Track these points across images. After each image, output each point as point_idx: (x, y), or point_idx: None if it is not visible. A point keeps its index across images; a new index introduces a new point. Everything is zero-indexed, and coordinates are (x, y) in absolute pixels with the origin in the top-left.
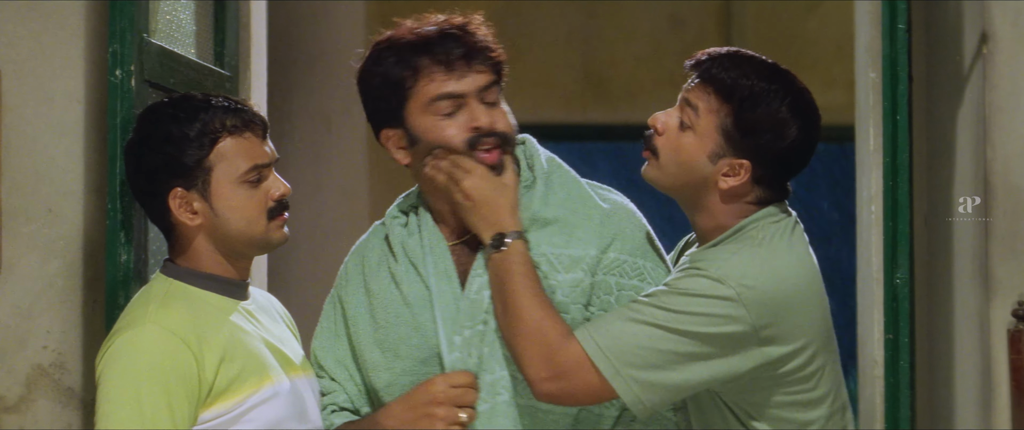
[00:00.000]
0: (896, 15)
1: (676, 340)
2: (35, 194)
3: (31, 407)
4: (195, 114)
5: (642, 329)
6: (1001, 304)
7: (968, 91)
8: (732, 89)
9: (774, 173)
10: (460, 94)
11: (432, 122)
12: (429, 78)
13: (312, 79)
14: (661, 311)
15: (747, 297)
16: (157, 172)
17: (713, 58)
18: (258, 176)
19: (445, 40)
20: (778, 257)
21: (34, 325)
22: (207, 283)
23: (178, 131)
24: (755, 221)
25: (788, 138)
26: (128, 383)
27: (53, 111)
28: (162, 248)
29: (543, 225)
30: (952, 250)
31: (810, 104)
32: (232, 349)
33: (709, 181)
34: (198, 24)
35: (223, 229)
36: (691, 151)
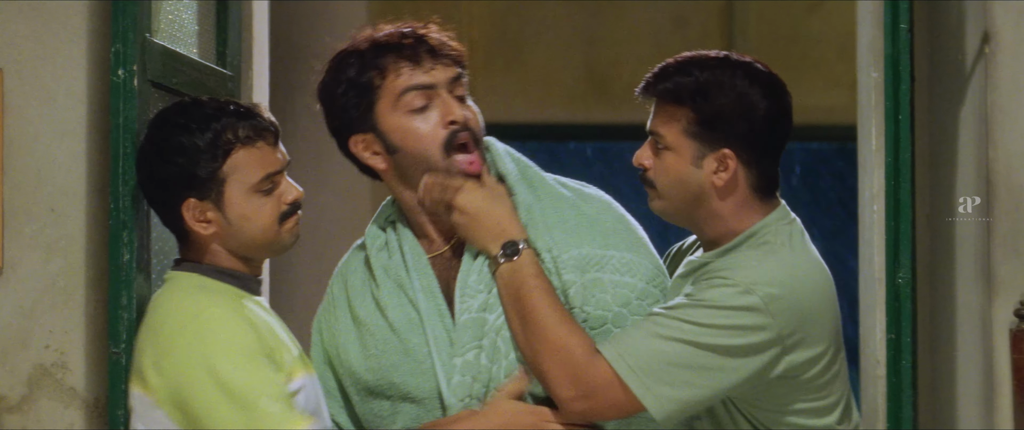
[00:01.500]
0: (898, 15)
1: (706, 355)
2: (37, 194)
3: (33, 407)
4: (207, 124)
5: (671, 346)
6: (1003, 303)
7: (970, 91)
8: (678, 91)
9: (760, 152)
10: (429, 85)
11: (405, 121)
12: (396, 73)
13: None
14: (689, 325)
15: (774, 306)
16: (170, 183)
17: (652, 75)
18: (271, 184)
19: (406, 38)
20: (799, 262)
21: (36, 325)
22: (226, 277)
23: (190, 142)
24: (768, 225)
25: (756, 110)
26: (223, 373)
27: (55, 111)
28: (165, 248)
29: (541, 229)
30: (954, 250)
31: (765, 73)
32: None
33: (704, 186)
34: (200, 24)
35: (237, 236)
36: (676, 166)
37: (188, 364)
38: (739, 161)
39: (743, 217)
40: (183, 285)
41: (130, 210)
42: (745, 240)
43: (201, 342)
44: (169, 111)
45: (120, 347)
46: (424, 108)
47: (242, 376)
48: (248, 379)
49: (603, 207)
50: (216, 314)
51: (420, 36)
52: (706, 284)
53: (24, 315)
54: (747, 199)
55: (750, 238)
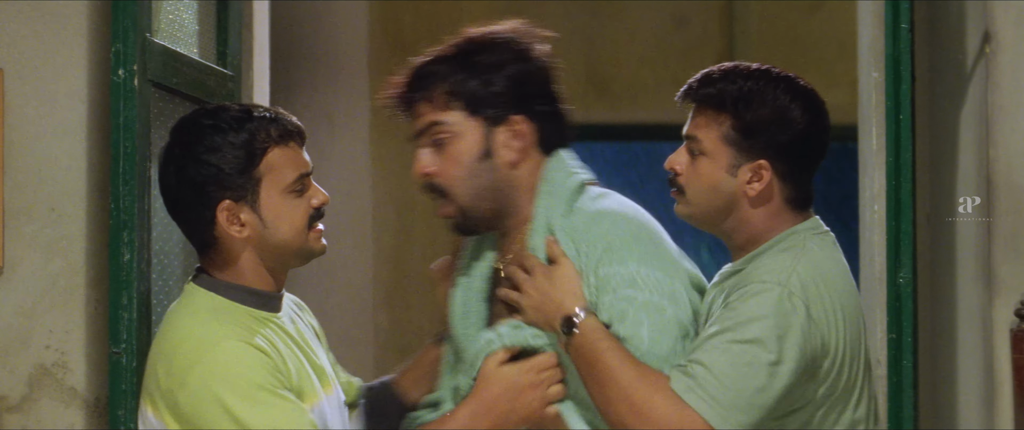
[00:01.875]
0: (899, 14)
1: (779, 374)
2: (38, 193)
3: (34, 407)
4: (240, 124)
5: (749, 379)
6: (1004, 303)
7: (970, 91)
8: (721, 98)
9: (795, 165)
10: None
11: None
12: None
13: (315, 78)
14: (756, 348)
15: (804, 292)
16: (204, 185)
17: (696, 81)
18: (302, 185)
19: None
20: (825, 264)
21: (37, 324)
22: (246, 297)
23: (225, 141)
24: (797, 232)
25: (795, 123)
26: (242, 404)
27: (56, 111)
28: (165, 248)
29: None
30: (955, 249)
31: (805, 89)
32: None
33: (736, 194)
34: (201, 23)
35: (270, 240)
36: (710, 173)
37: (204, 400)
38: (774, 173)
39: (773, 226)
40: (198, 306)
41: (131, 210)
42: (773, 245)
43: (215, 378)
44: (195, 114)
45: (121, 347)
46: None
47: (259, 414)
48: (265, 417)
49: (609, 221)
50: (230, 348)
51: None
52: (745, 294)
53: (24, 315)
54: (779, 210)
55: (778, 243)
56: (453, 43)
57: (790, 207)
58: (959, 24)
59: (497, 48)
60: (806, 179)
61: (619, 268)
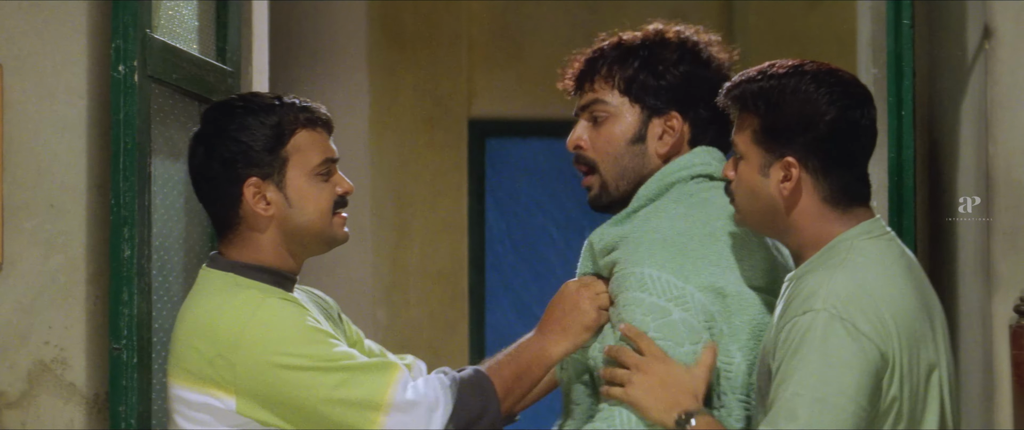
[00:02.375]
0: (901, 11)
1: (856, 412)
2: (37, 190)
3: (33, 403)
4: (270, 107)
5: (826, 421)
6: (1003, 300)
7: (970, 87)
8: (744, 97)
9: (828, 162)
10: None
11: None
12: None
13: (314, 75)
14: (832, 403)
15: (846, 309)
16: (233, 162)
17: (728, 83)
18: (328, 170)
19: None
20: (868, 275)
21: (36, 321)
22: (259, 275)
23: (256, 121)
24: (845, 240)
25: (821, 118)
26: (306, 344)
27: (56, 107)
28: (166, 244)
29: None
30: (954, 246)
31: (839, 81)
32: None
33: (773, 196)
34: (200, 20)
35: (294, 221)
36: (748, 176)
37: (264, 360)
38: (805, 169)
39: (821, 229)
40: (219, 284)
41: (131, 206)
42: (820, 258)
43: (268, 332)
44: (227, 100)
45: (121, 343)
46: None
47: (319, 349)
48: (325, 349)
49: (639, 222)
50: (272, 305)
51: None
52: (795, 329)
53: (24, 311)
54: (821, 211)
55: (824, 256)
56: (642, 32)
57: (832, 206)
58: (958, 19)
59: (680, 46)
60: (847, 174)
61: (635, 269)
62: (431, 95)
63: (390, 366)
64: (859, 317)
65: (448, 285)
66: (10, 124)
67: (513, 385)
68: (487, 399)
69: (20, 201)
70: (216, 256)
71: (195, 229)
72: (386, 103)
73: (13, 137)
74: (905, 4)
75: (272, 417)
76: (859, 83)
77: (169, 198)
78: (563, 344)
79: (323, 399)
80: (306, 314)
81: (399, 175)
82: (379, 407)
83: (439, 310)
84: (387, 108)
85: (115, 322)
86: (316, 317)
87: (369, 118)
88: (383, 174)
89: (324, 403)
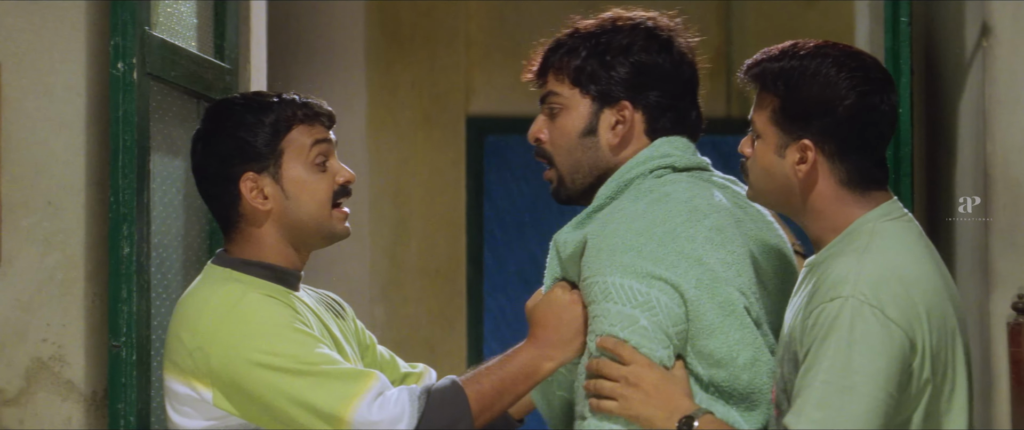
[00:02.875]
0: (899, 10)
1: (885, 399)
2: (35, 187)
3: (31, 400)
4: (269, 103)
5: (856, 409)
6: (1001, 297)
7: (968, 85)
8: (764, 77)
9: (846, 145)
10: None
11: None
12: None
13: (312, 72)
14: (857, 391)
15: (876, 296)
16: (230, 157)
17: (749, 61)
18: (323, 157)
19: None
20: (895, 258)
21: (34, 318)
22: (261, 272)
23: (254, 118)
24: (867, 222)
25: (840, 101)
26: (279, 341)
27: (54, 104)
28: (164, 241)
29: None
30: (953, 243)
31: (862, 64)
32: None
33: (789, 177)
34: (199, 18)
35: (293, 214)
36: (763, 156)
37: (239, 353)
38: (821, 153)
39: (839, 212)
40: (214, 278)
41: (130, 203)
42: (842, 242)
43: (245, 327)
44: (228, 98)
45: (120, 340)
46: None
47: (295, 348)
48: (301, 350)
49: (598, 226)
50: (253, 299)
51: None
52: (821, 317)
53: (22, 308)
54: (838, 194)
55: (846, 240)
56: (597, 20)
57: (850, 189)
58: (957, 18)
59: (631, 33)
60: (865, 158)
61: (598, 278)
62: (429, 92)
63: (363, 376)
64: (888, 303)
65: (446, 282)
66: (8, 121)
67: (493, 400)
68: (458, 414)
69: (19, 198)
70: (221, 253)
71: (194, 226)
72: (384, 100)
73: (11, 134)
74: (903, 3)
75: (243, 412)
76: (881, 67)
77: (168, 195)
78: (559, 357)
79: (289, 399)
80: (288, 312)
81: (397, 172)
82: (341, 417)
83: (437, 307)
84: (385, 105)
85: (114, 319)
86: (307, 318)
87: (367, 115)
88: (381, 171)
89: (290, 404)
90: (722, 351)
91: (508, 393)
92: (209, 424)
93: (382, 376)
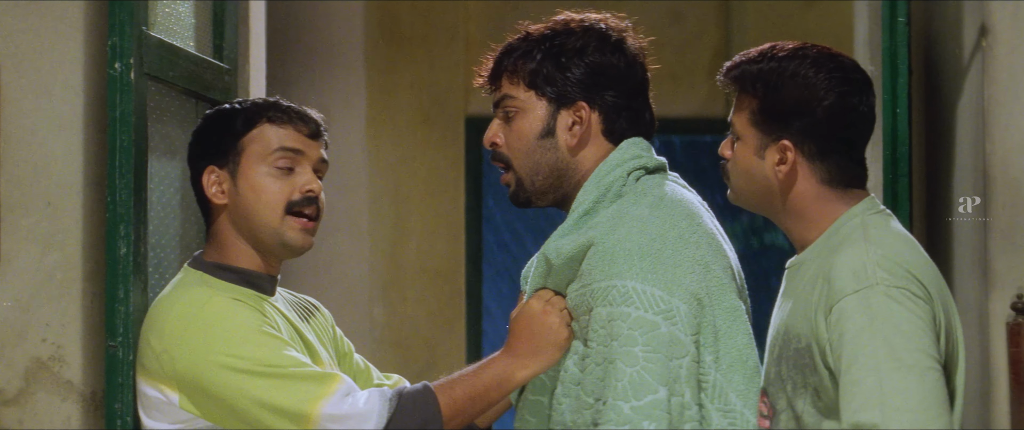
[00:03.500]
0: (897, 10)
1: (935, 369)
2: (34, 187)
3: (30, 400)
4: (251, 104)
5: (916, 385)
6: (1000, 297)
7: (967, 85)
8: (743, 78)
9: (825, 145)
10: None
11: None
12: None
13: (311, 72)
14: (914, 352)
15: (892, 276)
16: (199, 153)
17: (727, 63)
18: (289, 163)
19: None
20: (892, 242)
21: (33, 318)
22: (234, 277)
23: (227, 113)
24: (854, 215)
25: (819, 102)
26: (244, 345)
27: (52, 104)
28: (162, 241)
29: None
30: (951, 243)
31: (839, 65)
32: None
33: (769, 178)
34: (197, 18)
35: (242, 211)
36: (743, 157)
37: (203, 356)
38: (801, 154)
39: (821, 209)
40: (185, 281)
41: (127, 203)
42: (832, 237)
43: (210, 330)
44: (226, 104)
45: (117, 340)
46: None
47: (260, 351)
48: (266, 352)
49: (605, 230)
50: (219, 303)
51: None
52: (844, 312)
53: (21, 308)
54: (820, 193)
55: (837, 234)
56: (548, 24)
57: (831, 188)
58: (955, 18)
59: (584, 34)
60: (845, 158)
61: (616, 281)
62: (428, 93)
63: (330, 377)
64: (911, 283)
65: (445, 283)
66: (7, 121)
67: (465, 406)
68: (428, 418)
69: (17, 198)
70: (197, 256)
71: (191, 227)
72: (383, 101)
73: (10, 134)
74: (901, 3)
75: (208, 415)
76: (859, 69)
77: (165, 195)
78: (532, 367)
79: (254, 401)
80: (255, 316)
81: (396, 173)
82: (308, 417)
83: (436, 308)
84: (384, 106)
85: (111, 319)
86: (275, 321)
87: (366, 116)
88: (380, 172)
89: (255, 406)
90: (733, 354)
91: (480, 400)
92: (176, 427)
93: (348, 379)
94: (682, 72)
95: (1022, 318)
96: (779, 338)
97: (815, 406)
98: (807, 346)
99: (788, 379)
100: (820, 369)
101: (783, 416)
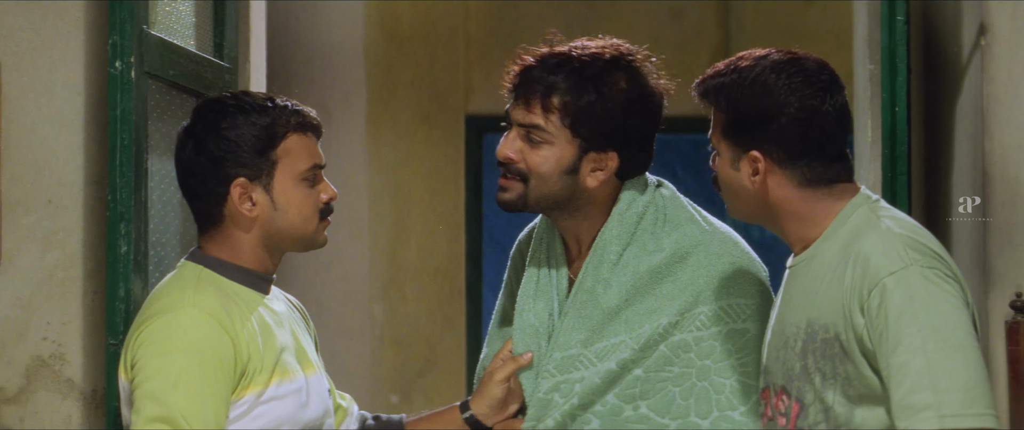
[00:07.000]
0: (896, 9)
1: (973, 346)
2: (35, 185)
3: (31, 398)
4: (263, 108)
5: (962, 364)
6: (999, 296)
7: (966, 84)
8: (707, 93)
9: (796, 150)
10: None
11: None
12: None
13: (311, 71)
14: (956, 331)
15: (923, 256)
16: (222, 161)
17: (700, 79)
18: (314, 176)
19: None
20: (905, 222)
21: (34, 316)
22: (235, 274)
23: (247, 121)
24: (856, 206)
25: (783, 108)
26: (167, 366)
27: (53, 102)
28: (162, 239)
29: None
30: (951, 242)
31: (801, 68)
32: (260, 339)
33: (748, 189)
34: (198, 17)
35: (278, 223)
36: (723, 172)
37: (146, 352)
38: (771, 161)
39: (815, 209)
40: (184, 276)
41: (128, 202)
42: (843, 231)
43: (166, 358)
44: (219, 96)
45: (118, 339)
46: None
47: (182, 402)
48: (185, 404)
49: (703, 255)
50: (190, 314)
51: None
52: (886, 305)
53: (22, 306)
54: (804, 194)
55: (844, 226)
56: (583, 54)
57: (815, 187)
58: (954, 17)
59: (630, 86)
60: (817, 159)
61: (723, 301)
62: (428, 92)
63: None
64: (941, 264)
65: (445, 281)
66: (8, 120)
67: None
68: None
69: (18, 197)
70: (196, 250)
71: (191, 225)
72: (383, 100)
73: (11, 133)
74: (900, 2)
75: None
76: (824, 68)
77: (166, 194)
78: (494, 417)
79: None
80: (218, 342)
81: (396, 171)
82: None
83: (436, 306)
84: (384, 105)
85: (112, 318)
86: (253, 337)
87: (366, 115)
88: (380, 170)
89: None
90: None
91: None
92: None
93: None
94: (681, 71)
95: (1021, 317)
96: (797, 334)
97: (845, 395)
98: (836, 335)
99: (816, 371)
100: (854, 355)
101: (811, 409)
